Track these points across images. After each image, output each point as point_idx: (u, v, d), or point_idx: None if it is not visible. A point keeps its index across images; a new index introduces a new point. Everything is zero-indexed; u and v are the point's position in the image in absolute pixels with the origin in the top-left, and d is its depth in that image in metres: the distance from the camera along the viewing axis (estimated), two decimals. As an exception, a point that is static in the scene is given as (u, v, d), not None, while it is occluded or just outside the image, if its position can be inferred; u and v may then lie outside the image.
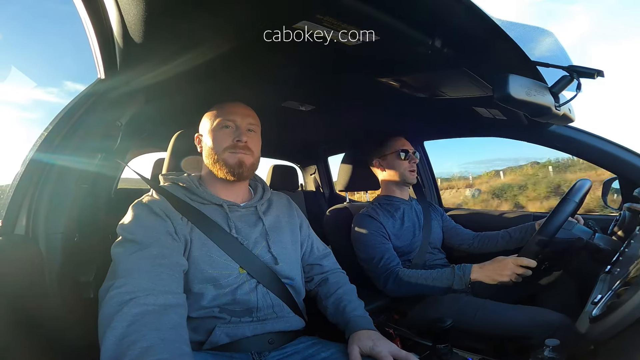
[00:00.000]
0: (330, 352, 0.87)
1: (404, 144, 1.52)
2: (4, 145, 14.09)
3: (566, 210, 1.09)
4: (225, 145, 0.95)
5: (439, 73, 1.02)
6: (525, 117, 1.31)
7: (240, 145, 0.95)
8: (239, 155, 0.95)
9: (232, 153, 0.95)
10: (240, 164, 0.95)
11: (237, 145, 0.95)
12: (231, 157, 0.95)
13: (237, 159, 0.95)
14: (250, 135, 0.98)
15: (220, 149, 0.95)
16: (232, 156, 0.95)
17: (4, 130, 29.92)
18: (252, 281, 0.90)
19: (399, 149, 1.50)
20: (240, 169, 0.95)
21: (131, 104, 1.09)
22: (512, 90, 0.78)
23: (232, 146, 0.95)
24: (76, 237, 1.03)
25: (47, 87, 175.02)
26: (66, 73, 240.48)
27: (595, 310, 0.72)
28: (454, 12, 0.70)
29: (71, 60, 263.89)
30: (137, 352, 0.60)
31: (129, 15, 0.72)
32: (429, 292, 1.23)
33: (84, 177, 1.06)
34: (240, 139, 0.94)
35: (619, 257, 0.94)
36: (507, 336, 1.11)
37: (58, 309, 0.93)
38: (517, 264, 1.10)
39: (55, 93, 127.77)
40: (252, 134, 1.00)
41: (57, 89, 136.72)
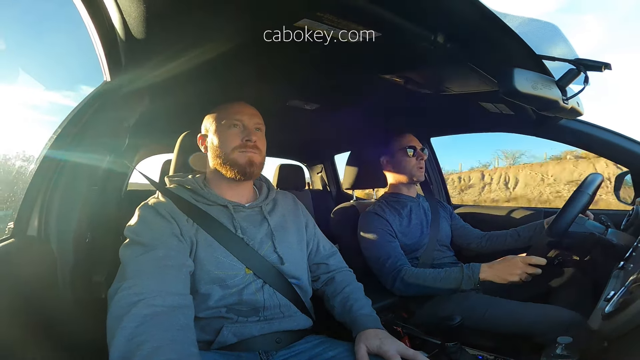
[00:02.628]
0: (337, 351, 0.87)
1: (411, 140, 1.50)
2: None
3: (579, 203, 1.07)
4: (235, 145, 0.95)
5: (444, 69, 1.02)
6: (533, 111, 1.29)
7: (249, 145, 0.95)
8: (249, 154, 0.96)
9: (241, 152, 0.95)
10: (251, 163, 0.96)
11: (246, 144, 0.95)
12: (241, 157, 0.95)
13: (247, 158, 0.95)
14: (258, 135, 0.99)
15: (229, 149, 0.95)
16: (242, 155, 0.95)
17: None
18: (258, 281, 0.90)
19: (406, 145, 1.48)
20: (251, 168, 0.96)
21: (137, 105, 1.11)
22: (518, 84, 0.77)
23: (242, 146, 0.95)
24: (88, 238, 1.05)
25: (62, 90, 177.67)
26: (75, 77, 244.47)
27: (608, 307, 0.71)
28: (455, 7, 0.70)
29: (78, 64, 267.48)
30: (146, 352, 0.61)
31: (130, 16, 0.73)
32: (437, 292, 1.22)
33: (94, 178, 1.08)
34: (249, 138, 0.95)
35: (632, 252, 0.92)
36: (518, 334, 1.09)
37: (71, 309, 0.95)
38: (527, 262, 1.08)
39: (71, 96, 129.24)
40: (259, 134, 1.00)
41: (71, 92, 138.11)
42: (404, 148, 1.48)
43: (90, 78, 9.91)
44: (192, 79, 1.06)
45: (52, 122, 10.16)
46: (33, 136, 36.78)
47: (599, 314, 0.74)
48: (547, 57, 0.82)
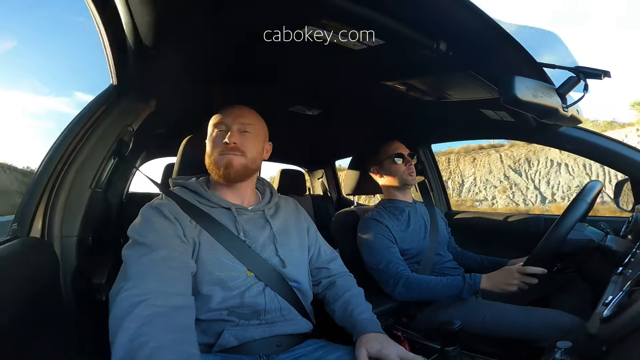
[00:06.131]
0: (337, 355, 0.87)
1: (398, 148, 1.50)
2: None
3: (579, 210, 1.08)
4: (217, 148, 0.96)
5: (445, 76, 1.03)
6: (533, 118, 1.30)
7: (227, 147, 0.94)
8: (228, 156, 0.94)
9: (220, 155, 0.95)
10: (228, 164, 0.94)
11: (224, 146, 0.94)
12: (220, 159, 0.94)
13: (225, 160, 0.94)
14: (244, 136, 0.97)
15: (214, 152, 0.96)
16: (221, 157, 0.94)
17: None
18: (259, 284, 0.90)
19: (393, 153, 1.48)
20: (227, 169, 0.94)
21: (143, 109, 1.12)
22: (519, 92, 0.77)
23: (222, 148, 0.95)
24: (90, 241, 1.06)
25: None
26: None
27: (607, 310, 0.72)
28: (458, 16, 0.71)
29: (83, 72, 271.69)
30: (147, 353, 0.62)
31: (142, 22, 0.74)
32: (436, 299, 1.23)
33: (98, 181, 1.08)
34: (227, 140, 0.94)
35: (631, 258, 0.93)
36: (517, 339, 1.10)
37: (72, 311, 0.95)
38: (522, 272, 1.09)
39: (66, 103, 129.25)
40: (246, 135, 0.98)
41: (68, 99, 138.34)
42: (391, 156, 1.48)
43: (83, 84, 9.78)
44: (196, 83, 1.08)
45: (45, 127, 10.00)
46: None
47: (597, 318, 0.74)
48: (548, 64, 0.82)
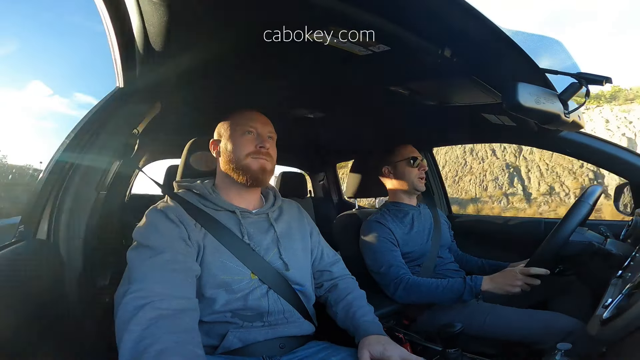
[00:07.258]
0: (340, 357, 0.88)
1: (413, 151, 1.53)
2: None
3: (580, 213, 1.09)
4: (248, 152, 0.97)
5: (448, 81, 1.04)
6: (535, 123, 1.31)
7: (262, 152, 0.97)
8: (262, 161, 0.97)
9: (254, 159, 0.97)
10: (263, 169, 0.97)
11: (259, 151, 0.97)
12: (254, 163, 0.97)
13: (260, 165, 0.97)
14: (270, 143, 1.01)
15: (242, 155, 0.97)
16: (254, 162, 0.97)
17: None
18: (263, 287, 0.91)
19: (408, 156, 1.50)
20: (262, 174, 0.97)
21: (148, 112, 1.12)
22: (522, 98, 0.78)
23: (255, 152, 0.97)
24: (94, 243, 1.06)
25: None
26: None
27: (606, 313, 0.72)
28: (462, 23, 0.72)
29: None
30: (152, 355, 0.62)
31: (152, 26, 0.75)
32: (438, 301, 1.24)
33: (103, 183, 1.09)
34: (263, 145, 0.97)
35: (631, 262, 0.93)
36: (518, 341, 1.11)
37: (77, 313, 0.96)
38: (525, 274, 1.10)
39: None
40: (272, 142, 1.02)
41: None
42: (406, 159, 1.50)
43: (85, 85, 9.71)
44: (201, 87, 1.08)
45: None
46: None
47: (597, 321, 0.75)
48: (551, 70, 0.83)
